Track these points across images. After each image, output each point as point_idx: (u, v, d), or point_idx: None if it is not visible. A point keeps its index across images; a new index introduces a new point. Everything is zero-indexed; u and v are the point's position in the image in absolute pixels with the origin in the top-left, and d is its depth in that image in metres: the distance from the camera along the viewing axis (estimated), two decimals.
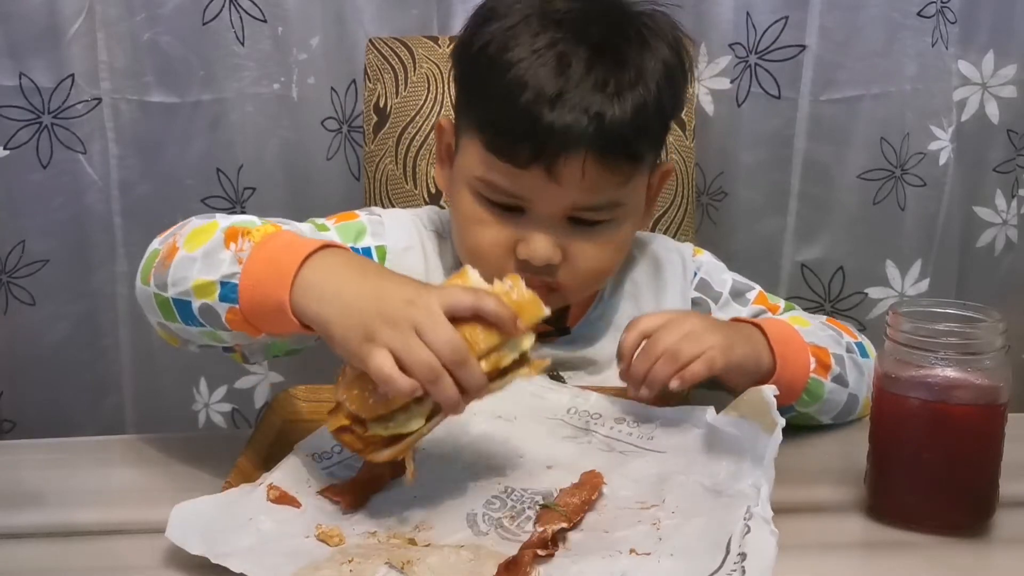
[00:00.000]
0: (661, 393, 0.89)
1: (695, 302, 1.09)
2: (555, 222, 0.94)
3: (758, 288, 1.12)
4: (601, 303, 1.07)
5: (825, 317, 1.08)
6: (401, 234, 1.05)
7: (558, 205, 0.93)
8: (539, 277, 0.93)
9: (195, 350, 0.91)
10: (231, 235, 0.82)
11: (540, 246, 0.93)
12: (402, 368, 0.72)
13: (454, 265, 1.04)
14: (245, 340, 0.83)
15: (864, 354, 1.02)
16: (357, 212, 1.08)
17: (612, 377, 0.97)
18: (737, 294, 1.10)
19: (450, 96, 1.33)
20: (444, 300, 0.74)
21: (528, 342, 0.77)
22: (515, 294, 0.77)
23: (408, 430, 0.76)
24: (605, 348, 1.05)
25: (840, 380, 0.97)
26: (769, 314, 1.07)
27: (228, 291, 0.79)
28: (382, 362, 0.72)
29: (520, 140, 0.90)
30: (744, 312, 1.07)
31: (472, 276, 0.78)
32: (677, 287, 1.08)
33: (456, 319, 0.73)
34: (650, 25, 0.95)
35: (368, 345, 0.73)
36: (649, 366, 0.88)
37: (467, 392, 0.74)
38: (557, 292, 0.97)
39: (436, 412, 0.76)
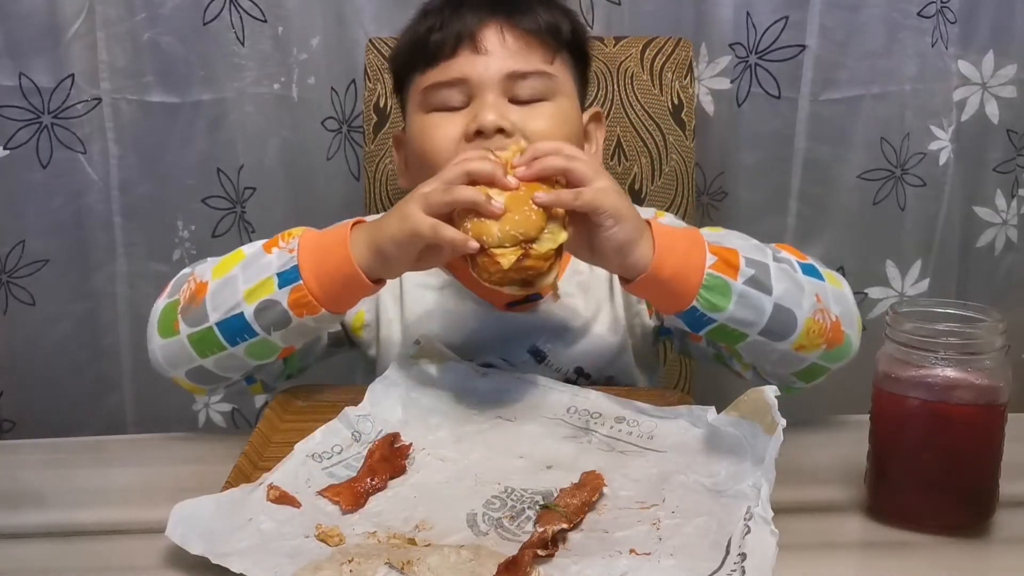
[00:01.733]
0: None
1: None
2: (497, 102, 1.02)
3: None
4: (569, 264, 1.06)
5: (775, 244, 0.99)
6: None
7: (492, 72, 1.03)
8: (497, 150, 0.93)
9: (221, 393, 1.07)
10: (269, 244, 0.91)
11: (487, 110, 1.01)
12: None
13: None
14: (297, 336, 0.93)
15: (812, 273, 0.94)
16: None
17: (587, 343, 1.07)
18: None
19: None
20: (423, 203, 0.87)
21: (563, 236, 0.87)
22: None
23: (564, 238, 0.87)
24: (579, 311, 1.09)
25: (759, 286, 0.89)
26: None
27: (289, 275, 0.88)
28: (467, 199, 0.85)
29: (442, 37, 1.05)
30: None
31: None
32: None
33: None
34: None
35: (436, 226, 0.85)
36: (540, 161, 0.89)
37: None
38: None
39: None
